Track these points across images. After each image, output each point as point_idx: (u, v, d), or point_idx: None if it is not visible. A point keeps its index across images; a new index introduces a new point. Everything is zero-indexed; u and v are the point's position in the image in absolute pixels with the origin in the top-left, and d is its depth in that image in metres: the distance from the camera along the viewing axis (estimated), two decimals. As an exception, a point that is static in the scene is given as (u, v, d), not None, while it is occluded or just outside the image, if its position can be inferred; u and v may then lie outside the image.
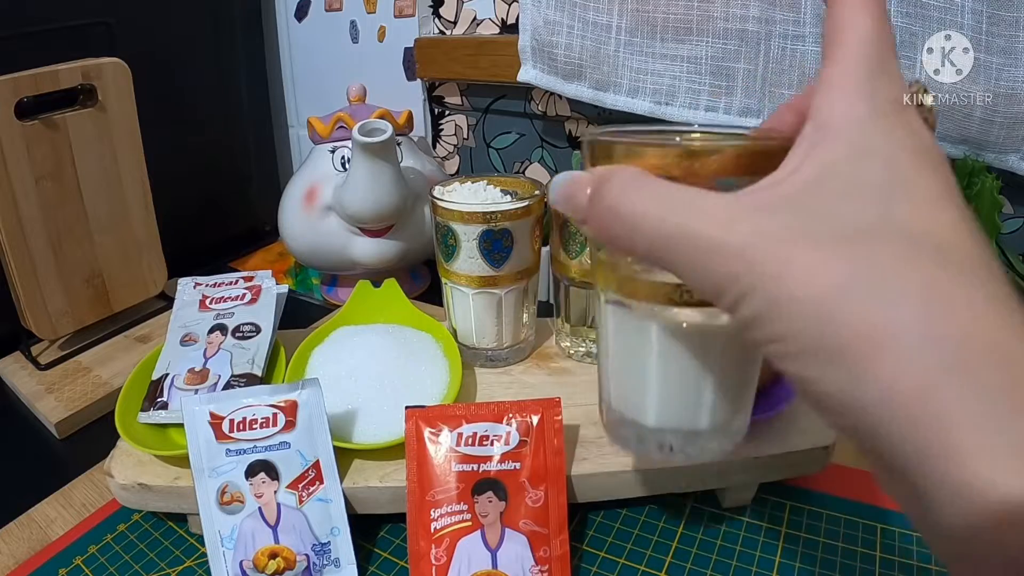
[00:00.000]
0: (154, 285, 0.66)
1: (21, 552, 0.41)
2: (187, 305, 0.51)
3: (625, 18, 0.59)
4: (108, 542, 0.41)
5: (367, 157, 0.57)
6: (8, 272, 0.54)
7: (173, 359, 0.46)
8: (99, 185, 0.58)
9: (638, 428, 0.28)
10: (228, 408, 0.38)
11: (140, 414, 0.43)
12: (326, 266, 0.69)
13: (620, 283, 0.26)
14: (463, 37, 0.74)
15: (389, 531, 0.41)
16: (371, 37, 0.80)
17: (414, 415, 0.38)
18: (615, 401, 0.29)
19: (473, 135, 0.80)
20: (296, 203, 0.65)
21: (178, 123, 0.74)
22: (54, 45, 0.56)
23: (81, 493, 0.45)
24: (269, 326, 0.48)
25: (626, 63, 0.60)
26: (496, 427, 0.38)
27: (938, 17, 0.47)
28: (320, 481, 0.38)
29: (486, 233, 0.45)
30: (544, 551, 0.35)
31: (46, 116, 0.53)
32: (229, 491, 0.37)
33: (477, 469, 0.37)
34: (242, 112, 0.83)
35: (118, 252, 0.61)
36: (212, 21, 0.76)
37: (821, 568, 0.38)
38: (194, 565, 0.39)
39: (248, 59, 0.82)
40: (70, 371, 0.58)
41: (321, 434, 0.38)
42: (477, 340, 0.50)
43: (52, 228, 0.55)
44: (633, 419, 0.28)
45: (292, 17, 0.86)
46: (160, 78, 0.69)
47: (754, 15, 0.54)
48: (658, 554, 0.39)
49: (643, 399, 0.27)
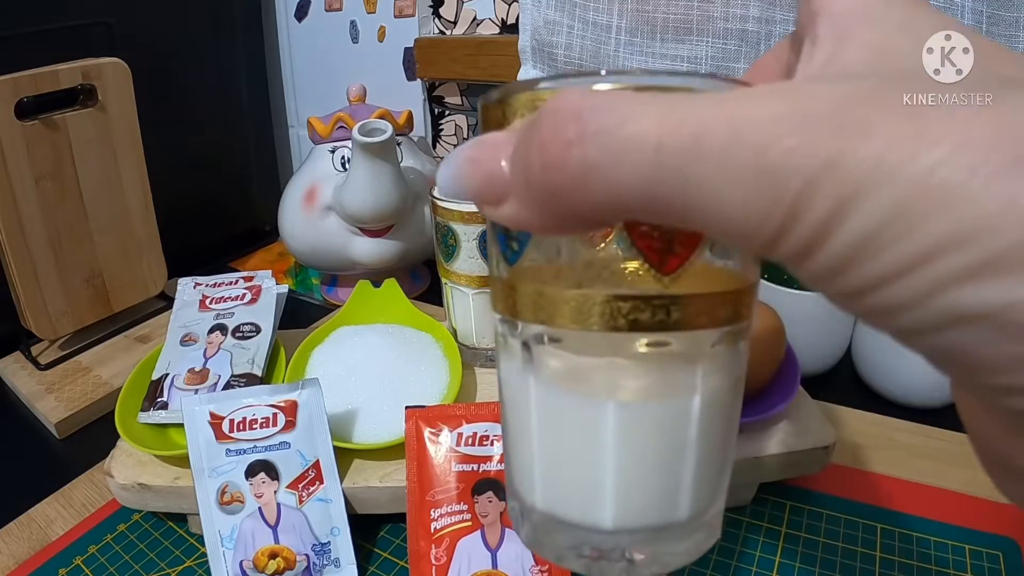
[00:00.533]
0: (154, 285, 0.66)
1: (21, 552, 0.41)
2: (187, 305, 0.51)
3: (625, 18, 0.59)
4: (108, 542, 0.41)
5: (367, 157, 0.57)
6: (8, 272, 0.54)
7: (173, 359, 0.46)
8: (99, 185, 0.58)
9: (585, 534, 0.19)
10: (228, 408, 0.38)
11: (140, 414, 0.43)
12: (326, 266, 0.69)
13: (553, 303, 0.17)
14: (463, 37, 0.74)
15: (389, 531, 0.41)
16: (371, 37, 0.80)
17: (414, 415, 0.38)
18: (543, 498, 0.19)
19: (473, 135, 0.80)
20: (296, 203, 0.65)
21: (178, 123, 0.74)
22: (54, 45, 0.56)
23: (81, 493, 0.45)
24: (269, 326, 0.48)
25: (626, 63, 0.60)
26: (496, 427, 0.38)
27: (938, 17, 0.47)
28: (320, 481, 0.38)
29: (486, 233, 0.44)
30: (544, 551, 0.35)
31: (46, 116, 0.53)
32: (229, 491, 0.37)
33: (477, 469, 0.37)
34: (242, 112, 0.83)
35: (118, 252, 0.61)
36: (212, 21, 0.76)
37: (821, 568, 0.38)
38: (194, 565, 0.39)
39: (248, 59, 0.82)
40: (70, 371, 0.58)
41: (321, 434, 0.38)
42: (477, 340, 0.50)
43: (52, 228, 0.55)
44: (577, 522, 0.19)
45: (292, 17, 0.86)
46: (160, 78, 0.69)
47: (754, 15, 0.54)
48: (658, 554, 0.39)
49: (595, 491, 0.18)
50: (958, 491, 0.43)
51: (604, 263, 0.17)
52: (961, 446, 0.47)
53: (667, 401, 0.18)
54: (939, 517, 0.41)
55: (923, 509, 0.41)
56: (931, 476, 0.44)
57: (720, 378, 0.18)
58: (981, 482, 0.43)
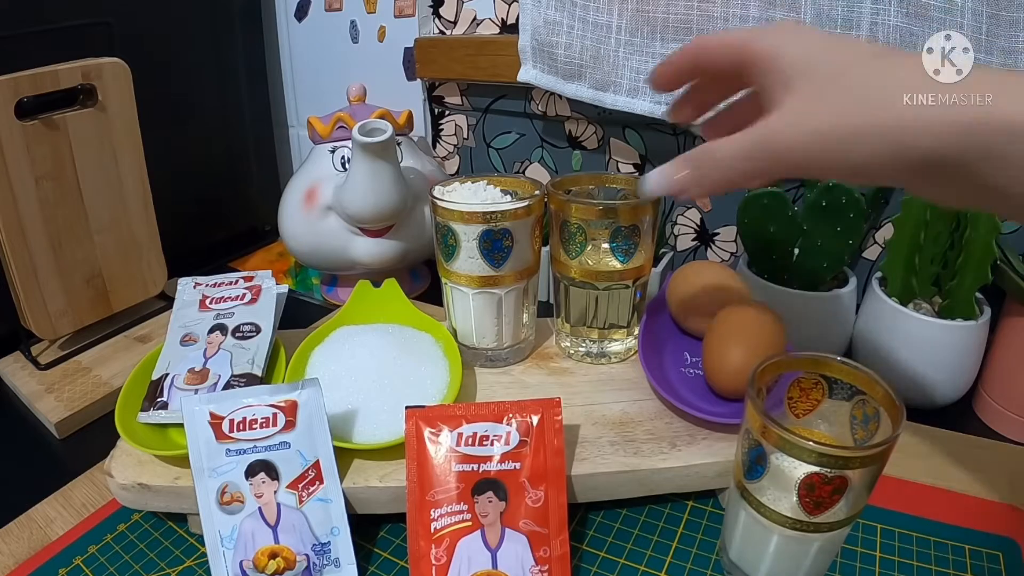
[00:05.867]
0: (154, 285, 0.66)
1: (21, 552, 0.41)
2: (187, 305, 0.51)
3: (625, 18, 0.59)
4: (108, 542, 0.41)
5: (367, 157, 0.57)
6: (8, 272, 0.54)
7: (173, 359, 0.46)
8: (99, 185, 0.58)
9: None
10: (228, 408, 0.38)
11: (140, 414, 0.43)
12: (326, 266, 0.69)
13: (759, 508, 0.33)
14: (463, 37, 0.74)
15: (389, 531, 0.41)
16: (371, 37, 0.80)
17: (414, 415, 0.38)
18: (734, 554, 0.37)
19: (473, 135, 0.80)
20: (296, 203, 0.65)
21: (178, 123, 0.75)
22: (54, 45, 0.56)
23: (81, 493, 0.45)
24: (269, 326, 0.48)
25: (626, 63, 0.60)
26: (496, 427, 0.38)
27: (938, 17, 0.47)
28: (320, 481, 0.38)
29: (486, 233, 0.45)
30: (544, 551, 0.35)
31: (46, 116, 0.53)
32: (229, 491, 0.37)
33: (477, 469, 0.37)
34: (242, 112, 0.83)
35: (118, 252, 0.61)
36: (212, 22, 0.76)
37: (821, 568, 0.38)
38: (194, 565, 0.39)
39: (248, 59, 0.82)
40: (70, 371, 0.58)
41: (321, 434, 0.38)
42: (477, 340, 0.50)
43: (52, 228, 0.55)
44: (746, 573, 0.36)
45: (292, 17, 0.86)
46: (160, 78, 0.69)
47: (754, 15, 0.54)
48: (658, 554, 0.39)
49: (756, 564, 0.35)
50: (958, 491, 0.43)
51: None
52: (961, 446, 0.47)
53: (800, 546, 0.34)
54: (939, 517, 0.41)
55: (923, 509, 0.41)
56: (931, 476, 0.44)
57: (825, 542, 0.34)
58: (981, 482, 0.43)
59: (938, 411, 0.51)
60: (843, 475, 0.30)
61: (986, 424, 0.51)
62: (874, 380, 0.33)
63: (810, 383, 0.35)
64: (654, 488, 0.41)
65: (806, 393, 0.36)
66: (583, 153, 0.73)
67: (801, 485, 0.31)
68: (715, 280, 0.49)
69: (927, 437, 0.47)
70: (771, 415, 0.31)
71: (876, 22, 0.49)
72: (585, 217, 0.44)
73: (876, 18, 0.49)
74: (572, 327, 0.50)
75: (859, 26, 0.50)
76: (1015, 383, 0.49)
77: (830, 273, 0.54)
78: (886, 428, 0.32)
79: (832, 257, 0.53)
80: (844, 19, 0.51)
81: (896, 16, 0.48)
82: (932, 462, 0.45)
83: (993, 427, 0.50)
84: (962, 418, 0.51)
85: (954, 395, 0.51)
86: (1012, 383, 0.49)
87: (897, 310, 0.50)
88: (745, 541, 0.36)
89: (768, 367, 0.34)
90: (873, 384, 0.33)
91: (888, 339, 0.51)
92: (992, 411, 0.50)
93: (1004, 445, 0.48)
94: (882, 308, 0.51)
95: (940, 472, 0.44)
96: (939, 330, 0.48)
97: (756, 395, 0.32)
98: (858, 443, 0.34)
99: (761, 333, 0.43)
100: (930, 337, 0.49)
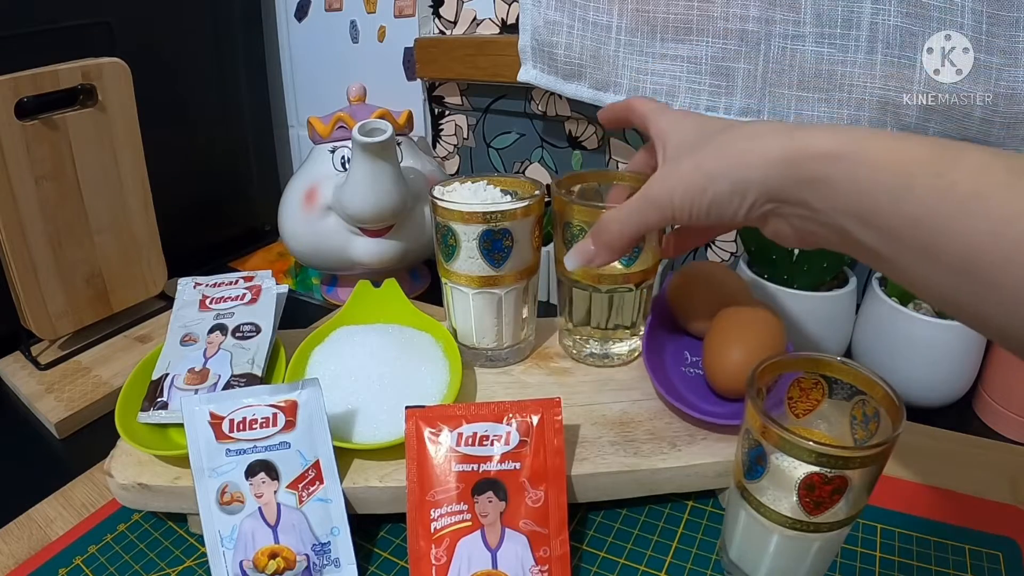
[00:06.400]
0: (154, 285, 0.66)
1: (21, 552, 0.41)
2: (187, 305, 0.51)
3: (625, 18, 0.59)
4: (108, 542, 0.41)
5: (367, 157, 0.57)
6: (8, 272, 0.54)
7: (173, 359, 0.46)
8: (99, 185, 0.58)
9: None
10: (228, 408, 0.38)
11: (140, 414, 0.43)
12: (326, 266, 0.69)
13: (759, 508, 0.33)
14: (463, 37, 0.74)
15: (389, 531, 0.41)
16: (371, 37, 0.80)
17: (414, 415, 0.38)
18: (734, 554, 0.37)
19: (473, 135, 0.80)
20: (296, 203, 0.65)
21: (178, 123, 0.75)
22: (54, 45, 0.56)
23: (81, 493, 0.45)
24: (269, 326, 0.48)
25: (626, 63, 0.60)
26: (496, 427, 0.38)
27: (938, 17, 0.47)
28: (320, 481, 0.38)
29: (486, 233, 0.45)
30: (544, 551, 0.35)
31: (46, 116, 0.53)
32: (229, 491, 0.37)
33: (477, 469, 0.37)
34: (242, 112, 0.83)
35: (118, 252, 0.61)
36: (212, 21, 0.76)
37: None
38: (194, 565, 0.39)
39: (248, 59, 0.82)
40: (70, 371, 0.58)
41: (321, 434, 0.38)
42: (477, 340, 0.50)
43: (52, 228, 0.55)
44: (746, 572, 0.37)
45: (292, 17, 0.86)
46: (160, 78, 0.69)
47: (754, 15, 0.54)
48: (658, 554, 0.39)
49: (756, 564, 0.35)
50: (958, 491, 0.43)
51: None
52: (961, 446, 0.47)
53: (799, 543, 0.34)
54: (939, 517, 0.41)
55: (923, 509, 0.41)
56: (931, 476, 0.44)
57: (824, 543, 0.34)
58: (981, 482, 0.43)
59: (938, 411, 0.51)
60: (843, 475, 0.30)
61: (986, 424, 0.51)
62: (874, 380, 0.33)
63: (810, 383, 0.35)
64: (654, 488, 0.41)
65: (806, 393, 0.36)
66: (583, 153, 0.73)
67: (801, 485, 0.31)
68: (715, 280, 0.49)
69: (927, 437, 0.47)
70: (771, 415, 0.31)
71: (876, 22, 0.49)
72: (588, 219, 0.44)
73: (876, 18, 0.49)
74: (575, 327, 0.50)
75: (859, 26, 0.50)
76: (1015, 383, 0.49)
77: (830, 273, 0.54)
78: (886, 428, 0.32)
79: (832, 257, 0.53)
80: (844, 19, 0.51)
81: (896, 16, 0.48)
82: (932, 462, 0.45)
83: (993, 427, 0.50)
84: (962, 418, 0.51)
85: (954, 395, 0.51)
86: (1012, 383, 0.49)
87: (897, 310, 0.50)
88: (745, 541, 0.36)
89: (768, 367, 0.34)
90: (873, 384, 0.33)
91: (888, 339, 0.51)
92: (992, 411, 0.50)
93: (1004, 445, 0.48)
94: (882, 308, 0.51)
95: (940, 472, 0.44)
96: (939, 330, 0.48)
97: (756, 395, 0.32)
98: (858, 443, 0.34)
99: (761, 333, 0.43)
100: (930, 337, 0.49)
